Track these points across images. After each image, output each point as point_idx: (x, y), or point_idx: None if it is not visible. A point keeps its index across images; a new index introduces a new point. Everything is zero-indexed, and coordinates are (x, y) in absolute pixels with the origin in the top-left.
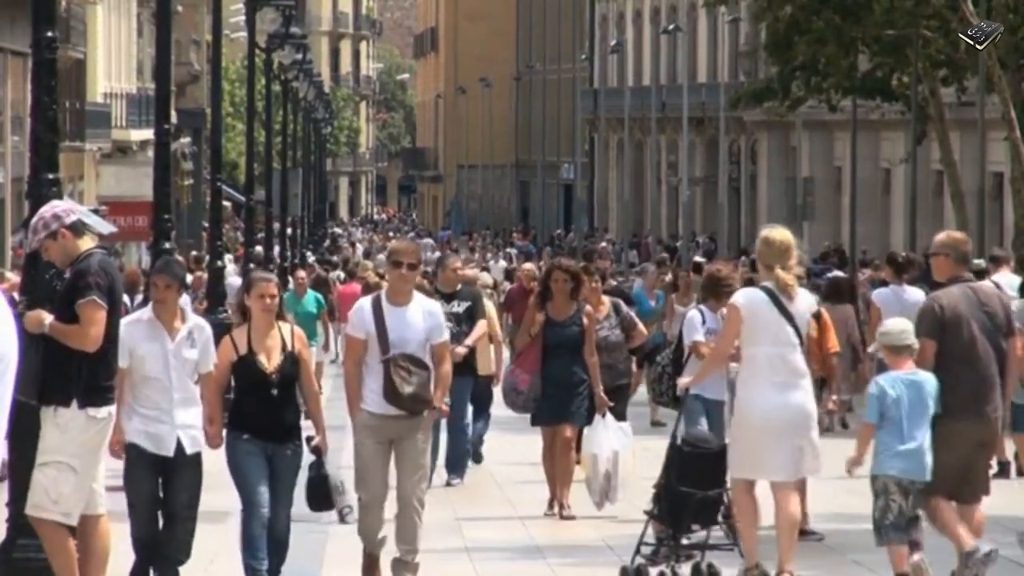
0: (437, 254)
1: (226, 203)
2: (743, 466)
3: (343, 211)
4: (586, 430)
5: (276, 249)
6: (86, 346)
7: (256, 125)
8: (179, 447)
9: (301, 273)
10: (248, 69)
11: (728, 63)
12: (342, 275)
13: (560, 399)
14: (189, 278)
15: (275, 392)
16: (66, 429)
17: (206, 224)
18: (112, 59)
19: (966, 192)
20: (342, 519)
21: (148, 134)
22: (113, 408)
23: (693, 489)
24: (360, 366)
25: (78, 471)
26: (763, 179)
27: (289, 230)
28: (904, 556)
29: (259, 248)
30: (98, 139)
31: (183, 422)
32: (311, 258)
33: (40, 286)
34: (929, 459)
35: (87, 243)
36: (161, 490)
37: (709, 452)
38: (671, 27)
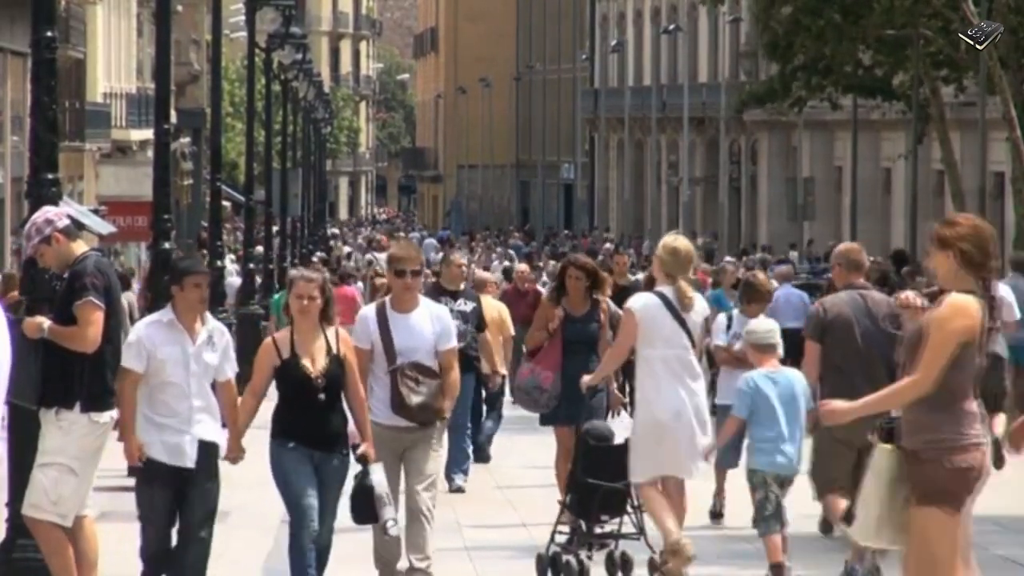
0: (440, 255)
1: (226, 203)
2: (642, 467)
3: (343, 211)
4: None
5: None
6: (85, 347)
7: (256, 125)
8: (197, 458)
9: (293, 271)
10: (248, 69)
11: (729, 63)
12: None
13: (577, 398)
14: None
15: (321, 397)
16: (68, 432)
17: (205, 224)
18: (112, 59)
19: (967, 192)
20: (385, 532)
21: (148, 134)
22: (115, 412)
23: (598, 481)
24: (366, 376)
25: (78, 474)
26: (764, 179)
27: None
28: (779, 547)
29: (259, 248)
30: (98, 139)
31: (202, 432)
32: (315, 257)
33: (40, 286)
34: (800, 453)
35: (82, 246)
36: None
37: (612, 446)
38: (672, 27)
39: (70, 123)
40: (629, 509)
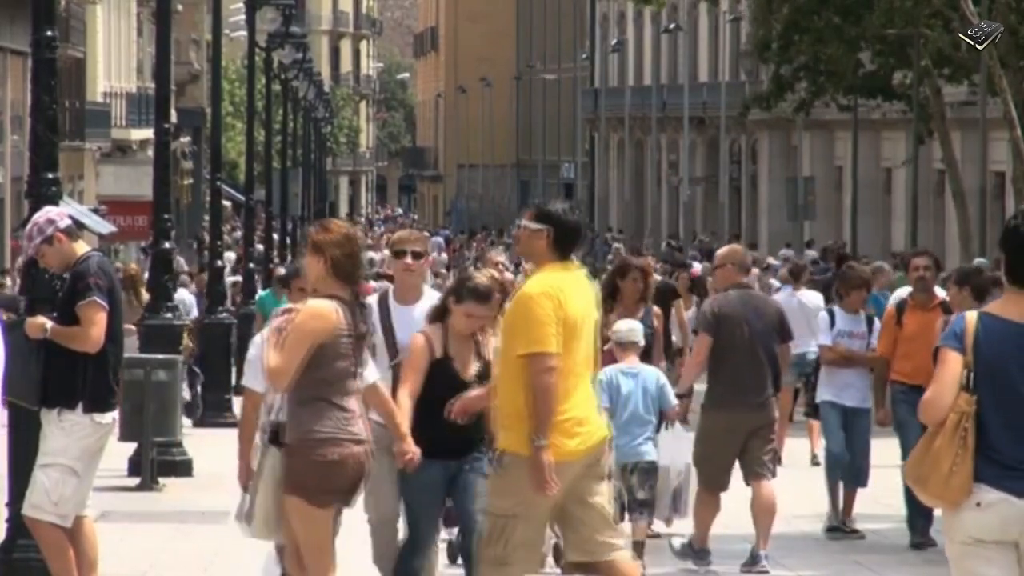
0: (444, 256)
1: (226, 202)
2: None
3: (343, 211)
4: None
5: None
6: (88, 347)
7: (256, 124)
8: None
9: (281, 269)
10: (248, 68)
11: (729, 63)
12: None
13: None
14: (189, 281)
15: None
16: (70, 432)
17: (205, 223)
18: (112, 58)
19: (967, 191)
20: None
21: (148, 133)
22: (116, 413)
23: None
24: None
25: (80, 475)
26: (764, 179)
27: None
28: (644, 528)
29: (260, 247)
30: (98, 138)
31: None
32: None
33: (39, 286)
34: (651, 445)
35: (83, 246)
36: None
37: None
38: (672, 26)
39: (70, 123)
40: None
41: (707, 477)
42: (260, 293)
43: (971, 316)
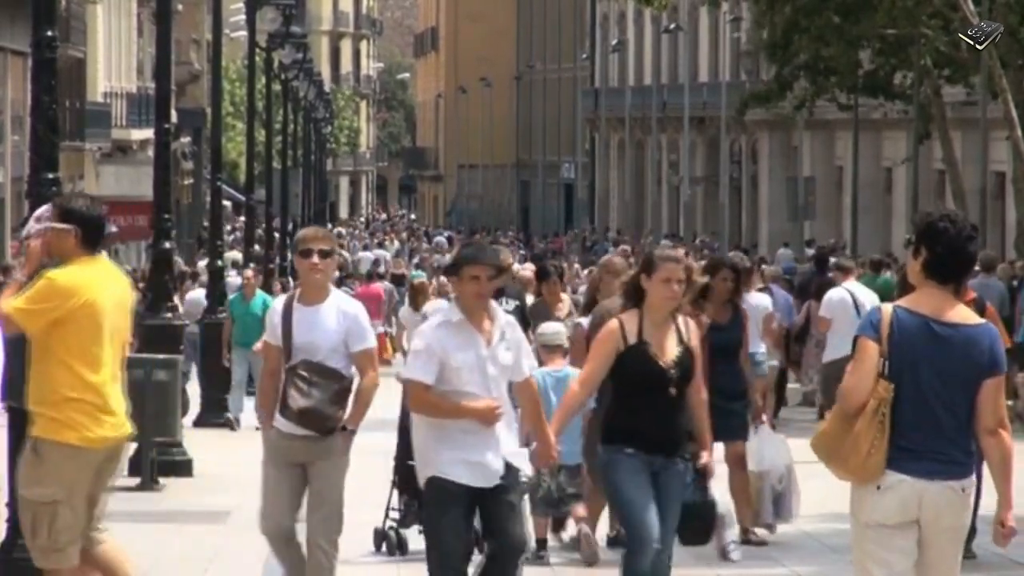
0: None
1: (226, 203)
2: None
3: (343, 211)
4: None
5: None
6: None
7: (256, 125)
8: (502, 476)
9: (248, 272)
10: (248, 68)
11: (730, 63)
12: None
13: (725, 412)
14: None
15: (672, 392)
16: None
17: (206, 223)
18: (112, 58)
19: (968, 191)
20: (725, 556)
21: (148, 133)
22: None
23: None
24: (275, 378)
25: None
26: (764, 179)
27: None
28: (544, 526)
29: (258, 247)
30: (98, 139)
31: (506, 446)
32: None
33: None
34: (578, 445)
35: None
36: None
37: None
38: (672, 26)
39: (70, 123)
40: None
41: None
42: (231, 296)
43: (887, 308)
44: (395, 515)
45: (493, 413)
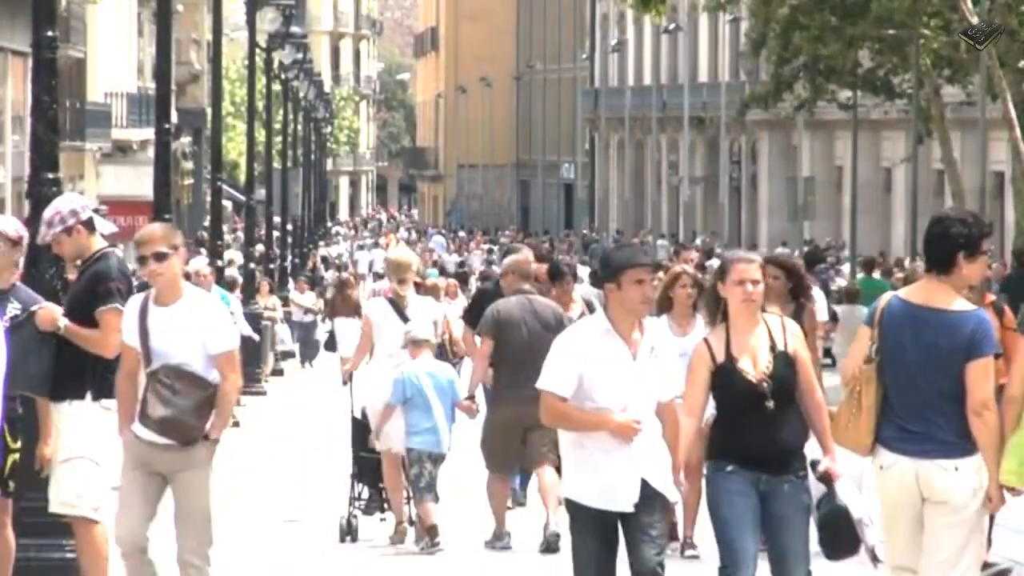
0: (455, 256)
1: (226, 203)
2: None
3: (343, 211)
4: None
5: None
6: (106, 353)
7: (256, 125)
8: (640, 500)
9: (205, 269)
10: (248, 69)
11: (729, 63)
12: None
13: None
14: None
15: (769, 406)
16: (83, 421)
17: (206, 224)
18: (112, 59)
19: (967, 191)
20: (875, 560)
21: (148, 134)
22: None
23: (369, 454)
24: (132, 380)
25: (100, 464)
26: (764, 179)
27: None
28: (431, 512)
29: (260, 247)
30: (98, 139)
31: (649, 466)
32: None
33: (40, 285)
34: (450, 436)
35: (99, 241)
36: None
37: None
38: (672, 26)
39: (70, 123)
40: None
41: (494, 463)
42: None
43: (884, 298)
44: (361, 504)
45: (632, 429)
